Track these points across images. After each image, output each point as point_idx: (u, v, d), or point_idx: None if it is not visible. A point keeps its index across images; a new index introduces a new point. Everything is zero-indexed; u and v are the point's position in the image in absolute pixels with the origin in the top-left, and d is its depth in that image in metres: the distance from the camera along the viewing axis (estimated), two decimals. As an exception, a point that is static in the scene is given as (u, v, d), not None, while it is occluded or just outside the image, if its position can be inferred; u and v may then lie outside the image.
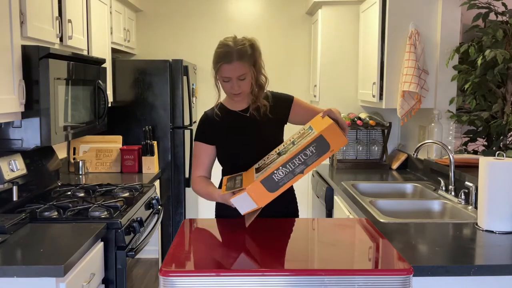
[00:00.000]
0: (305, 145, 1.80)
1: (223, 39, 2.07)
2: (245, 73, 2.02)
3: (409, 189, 3.06)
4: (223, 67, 2.01)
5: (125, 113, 3.81)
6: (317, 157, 1.80)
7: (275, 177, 1.79)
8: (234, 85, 2.04)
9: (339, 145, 1.84)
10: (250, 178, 1.88)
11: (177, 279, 1.48)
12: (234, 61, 1.99)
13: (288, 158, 1.79)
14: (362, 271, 1.49)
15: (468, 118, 2.99)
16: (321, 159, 1.82)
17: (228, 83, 2.05)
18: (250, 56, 2.03)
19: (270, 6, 4.55)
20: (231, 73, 2.01)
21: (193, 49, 4.56)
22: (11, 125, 2.22)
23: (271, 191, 1.81)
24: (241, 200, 1.82)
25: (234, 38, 2.07)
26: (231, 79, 2.03)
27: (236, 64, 2.00)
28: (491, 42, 2.83)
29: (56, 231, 2.11)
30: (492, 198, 1.96)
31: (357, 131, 3.84)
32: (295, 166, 1.80)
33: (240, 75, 2.02)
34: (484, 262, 1.73)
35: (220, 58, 2.01)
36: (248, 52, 2.03)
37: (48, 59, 2.22)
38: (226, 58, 2.00)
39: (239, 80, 2.03)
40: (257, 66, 2.08)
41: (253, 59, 2.05)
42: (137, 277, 2.61)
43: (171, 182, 3.87)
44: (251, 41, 2.07)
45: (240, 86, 2.04)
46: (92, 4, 3.08)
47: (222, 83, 2.08)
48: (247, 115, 2.15)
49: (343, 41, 3.98)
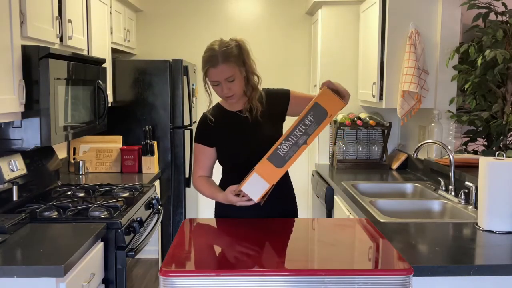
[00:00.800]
0: (303, 116, 1.85)
1: (209, 44, 2.06)
2: (232, 75, 2.00)
3: (409, 189, 3.06)
4: (210, 71, 2.00)
5: (125, 113, 3.80)
6: (317, 125, 1.85)
7: (280, 152, 1.84)
8: (224, 88, 2.02)
9: (336, 109, 1.87)
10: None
11: (177, 279, 1.48)
12: (219, 64, 1.97)
13: (289, 131, 1.85)
14: (362, 271, 1.49)
15: (468, 118, 2.99)
16: (321, 126, 1.86)
17: (219, 87, 2.03)
18: (236, 57, 2.01)
19: (270, 6, 4.55)
20: (218, 76, 2.00)
21: (193, 49, 4.54)
22: (11, 125, 2.22)
23: (278, 166, 1.86)
24: (251, 184, 1.86)
25: (220, 41, 2.04)
26: (220, 82, 2.01)
27: (222, 66, 1.97)
28: (491, 42, 2.83)
29: (56, 231, 2.11)
30: (492, 198, 1.96)
31: (357, 131, 3.84)
32: (297, 138, 1.84)
33: (227, 77, 1.99)
34: (484, 262, 1.73)
35: (206, 63, 2.00)
36: (233, 53, 2.00)
37: (48, 59, 2.22)
38: (211, 62, 1.98)
39: (228, 82, 2.01)
40: (247, 66, 2.05)
41: (241, 60, 2.03)
42: (137, 277, 2.61)
43: (171, 182, 3.87)
44: (238, 41, 2.05)
45: (230, 88, 2.02)
46: (92, 4, 3.08)
47: (213, 87, 2.06)
48: (245, 115, 2.14)
49: (343, 41, 3.98)
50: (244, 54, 2.04)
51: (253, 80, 2.09)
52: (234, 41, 2.05)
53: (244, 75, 2.05)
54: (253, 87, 2.10)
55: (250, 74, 2.07)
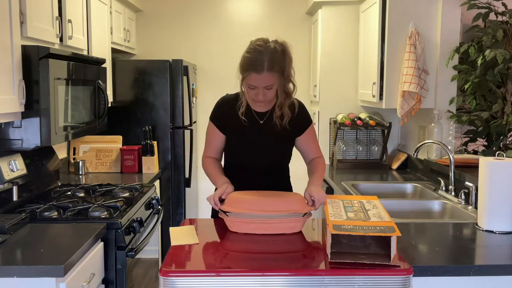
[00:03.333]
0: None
1: (253, 42, 1.98)
2: (272, 84, 1.96)
3: (409, 189, 3.06)
4: (251, 76, 1.94)
5: (125, 113, 3.81)
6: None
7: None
8: (259, 94, 1.98)
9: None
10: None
11: (177, 279, 1.48)
12: (264, 71, 1.92)
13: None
14: (362, 271, 1.49)
15: (468, 118, 2.99)
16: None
17: (254, 90, 1.98)
18: (280, 64, 1.95)
19: (270, 6, 4.55)
20: (258, 83, 1.95)
21: (193, 49, 4.56)
22: (11, 125, 2.22)
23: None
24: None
25: (266, 43, 1.97)
26: (258, 87, 1.97)
27: (266, 75, 1.92)
28: (491, 42, 2.83)
29: (56, 231, 2.11)
30: (492, 198, 1.96)
31: (357, 131, 3.84)
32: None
33: (267, 85, 1.96)
34: (484, 262, 1.73)
35: (249, 66, 1.93)
36: (279, 61, 1.94)
37: (48, 59, 2.22)
38: (255, 68, 1.92)
39: (266, 89, 1.97)
40: (286, 74, 1.99)
41: (283, 68, 1.97)
42: (137, 277, 2.61)
43: (171, 182, 3.87)
44: (283, 45, 1.99)
45: (265, 94, 1.99)
46: (92, 4, 3.08)
47: (247, 89, 2.01)
48: (262, 121, 2.12)
49: (343, 41, 3.98)
50: (287, 61, 1.98)
51: (288, 88, 2.05)
52: (279, 44, 1.99)
53: (282, 83, 2.00)
54: (286, 93, 2.06)
55: (287, 82, 2.02)
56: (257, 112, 2.12)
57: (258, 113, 2.12)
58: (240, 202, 1.88)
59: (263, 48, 1.94)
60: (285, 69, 1.98)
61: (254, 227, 1.85)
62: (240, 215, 1.86)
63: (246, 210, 1.85)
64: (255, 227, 1.85)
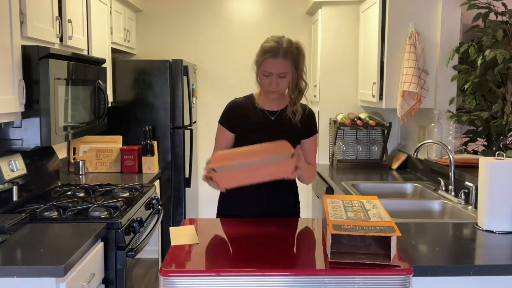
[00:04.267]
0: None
1: (271, 36, 2.11)
2: (286, 72, 2.05)
3: (409, 189, 3.06)
4: (267, 60, 2.03)
5: (125, 113, 3.81)
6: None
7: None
8: (273, 81, 2.06)
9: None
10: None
11: (177, 279, 1.48)
12: (280, 57, 2.03)
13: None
14: (362, 271, 1.49)
15: (468, 118, 2.99)
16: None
17: (268, 78, 2.07)
18: (295, 57, 2.06)
19: (270, 6, 4.55)
20: (274, 68, 2.04)
21: (193, 49, 4.56)
22: (11, 125, 2.22)
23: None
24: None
25: (282, 37, 2.10)
26: (272, 74, 2.05)
27: (281, 60, 2.03)
28: (491, 42, 2.83)
29: (56, 231, 2.11)
30: (492, 198, 1.96)
31: (357, 131, 3.84)
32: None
33: (281, 72, 2.04)
34: (484, 262, 1.73)
35: (266, 52, 2.04)
36: (294, 52, 2.06)
37: (48, 59, 2.22)
38: (272, 52, 2.03)
39: (279, 78, 2.05)
40: (299, 69, 2.10)
41: (297, 62, 2.08)
42: (137, 277, 2.61)
43: (171, 182, 3.87)
44: (298, 43, 2.10)
45: (278, 84, 2.06)
46: (92, 4, 3.08)
47: (261, 78, 2.09)
48: (273, 117, 2.16)
49: (343, 41, 3.98)
50: (301, 57, 2.10)
51: (301, 84, 2.13)
52: (295, 42, 2.10)
53: (295, 76, 2.09)
54: (299, 90, 2.14)
55: (300, 78, 2.12)
56: (269, 111, 2.17)
57: (269, 111, 2.17)
58: (227, 156, 1.89)
59: (281, 39, 2.07)
60: (299, 63, 2.09)
61: (245, 176, 1.83)
62: (229, 167, 1.84)
63: (233, 161, 1.84)
64: (245, 176, 1.83)
